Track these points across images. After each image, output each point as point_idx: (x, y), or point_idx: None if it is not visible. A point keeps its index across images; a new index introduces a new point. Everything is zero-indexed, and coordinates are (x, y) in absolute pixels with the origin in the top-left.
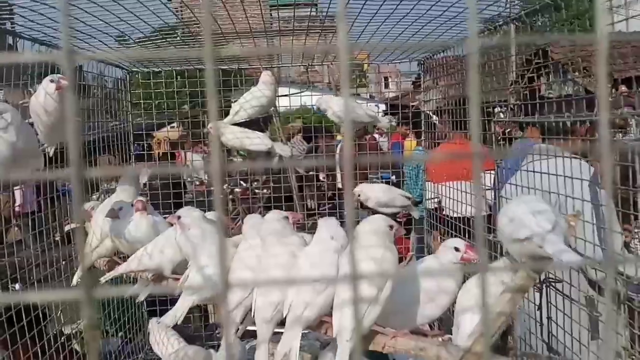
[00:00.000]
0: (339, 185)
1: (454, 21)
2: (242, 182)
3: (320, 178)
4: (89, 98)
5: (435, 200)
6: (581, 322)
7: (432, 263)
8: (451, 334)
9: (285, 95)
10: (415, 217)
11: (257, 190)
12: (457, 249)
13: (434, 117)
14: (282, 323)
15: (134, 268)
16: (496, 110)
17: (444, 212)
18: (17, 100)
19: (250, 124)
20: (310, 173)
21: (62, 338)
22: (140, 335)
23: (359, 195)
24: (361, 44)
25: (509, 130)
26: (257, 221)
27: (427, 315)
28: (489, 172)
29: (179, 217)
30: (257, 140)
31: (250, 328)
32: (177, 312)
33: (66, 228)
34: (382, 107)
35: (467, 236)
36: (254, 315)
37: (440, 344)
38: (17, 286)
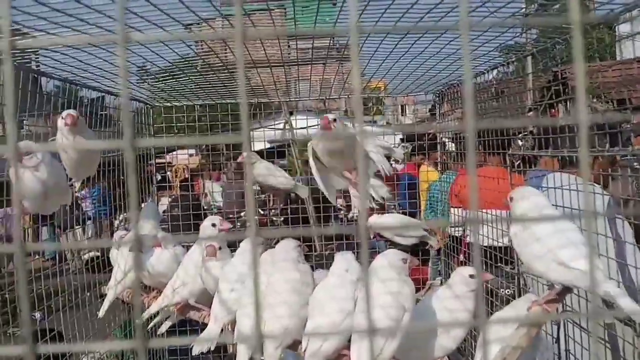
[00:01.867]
0: (355, 212)
1: (473, 54)
2: (260, 210)
3: (338, 206)
4: (111, 127)
5: (460, 228)
6: (599, 354)
7: (446, 294)
8: None
9: (303, 128)
10: (433, 246)
11: (274, 218)
12: (472, 276)
13: (451, 144)
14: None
15: (166, 304)
16: (520, 142)
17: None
18: (40, 130)
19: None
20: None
21: None
22: None
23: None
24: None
25: (522, 157)
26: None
27: (442, 348)
28: None
29: (220, 248)
30: (281, 180)
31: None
32: (209, 339)
33: (85, 256)
34: (399, 135)
35: (489, 266)
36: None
37: None
38: (37, 315)
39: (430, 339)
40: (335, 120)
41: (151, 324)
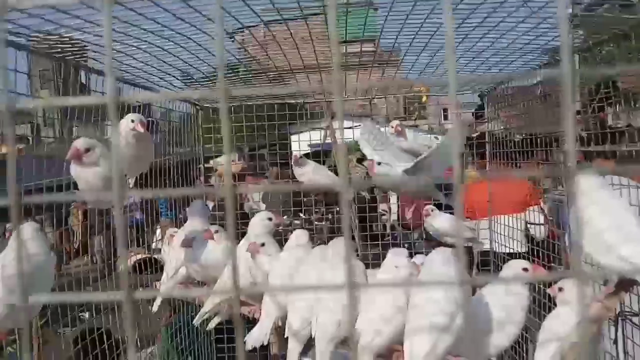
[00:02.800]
0: (394, 217)
1: (518, 52)
2: (300, 214)
3: (380, 210)
4: (158, 133)
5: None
6: None
7: (500, 290)
8: None
9: (349, 128)
10: (480, 249)
11: (316, 223)
12: (525, 270)
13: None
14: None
15: (218, 301)
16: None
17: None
18: (90, 135)
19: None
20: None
21: None
22: None
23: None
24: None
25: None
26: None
27: (496, 346)
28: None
29: (262, 244)
30: (327, 180)
31: None
32: (262, 334)
33: (133, 259)
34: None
35: None
36: (314, 334)
37: None
38: (86, 315)
39: (484, 336)
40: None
41: (199, 320)
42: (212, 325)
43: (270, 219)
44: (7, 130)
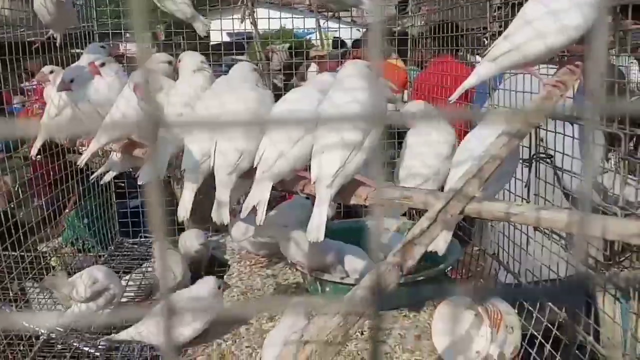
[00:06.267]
0: None
1: None
2: None
3: None
4: None
5: None
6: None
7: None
8: None
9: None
10: None
11: None
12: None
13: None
14: None
15: (105, 142)
16: (485, 41)
17: None
18: None
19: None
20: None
21: (37, 253)
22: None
23: None
24: None
25: None
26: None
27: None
28: None
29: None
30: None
31: None
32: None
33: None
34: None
35: None
36: (213, 165)
37: (428, 192)
38: None
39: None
40: None
41: (92, 177)
42: (107, 178)
43: (170, 62)
44: None
